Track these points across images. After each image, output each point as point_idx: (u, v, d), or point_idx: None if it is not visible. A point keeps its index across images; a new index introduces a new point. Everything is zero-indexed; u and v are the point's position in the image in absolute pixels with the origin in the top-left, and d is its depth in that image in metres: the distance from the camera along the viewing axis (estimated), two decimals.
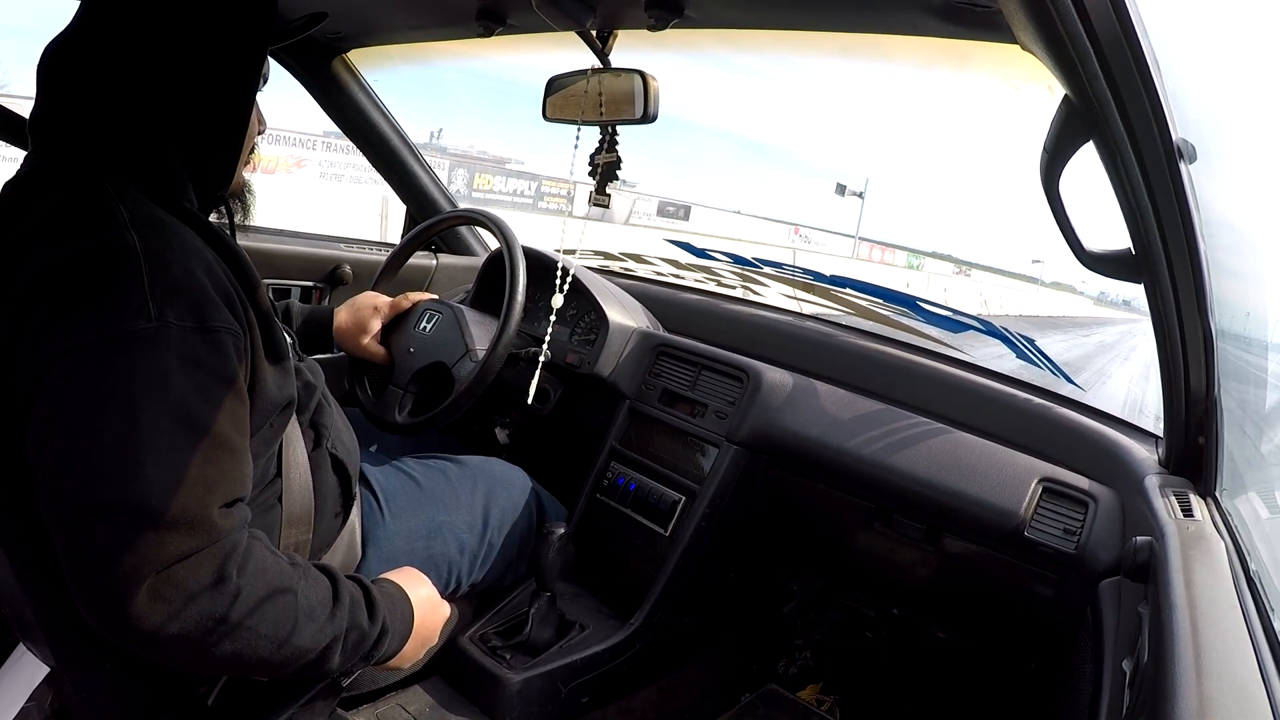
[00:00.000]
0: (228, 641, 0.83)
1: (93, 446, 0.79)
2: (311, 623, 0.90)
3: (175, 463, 0.81)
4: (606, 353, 1.90)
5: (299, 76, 2.12)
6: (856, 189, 41.19)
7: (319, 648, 0.91)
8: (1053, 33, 0.81)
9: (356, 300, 1.77)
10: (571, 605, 1.68)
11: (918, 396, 1.73)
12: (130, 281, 0.83)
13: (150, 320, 0.82)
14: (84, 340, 0.80)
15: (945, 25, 1.13)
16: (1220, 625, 0.82)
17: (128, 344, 0.81)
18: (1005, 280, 58.49)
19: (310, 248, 2.26)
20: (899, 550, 1.65)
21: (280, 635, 0.87)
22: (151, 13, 0.94)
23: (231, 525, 0.84)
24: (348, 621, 0.95)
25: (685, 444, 1.78)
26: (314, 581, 0.94)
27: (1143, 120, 0.87)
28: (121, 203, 0.88)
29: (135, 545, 0.78)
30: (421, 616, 1.10)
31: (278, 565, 0.90)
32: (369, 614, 0.99)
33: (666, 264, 2.56)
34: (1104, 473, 1.46)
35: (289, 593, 0.89)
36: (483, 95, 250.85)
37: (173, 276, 0.85)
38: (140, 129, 0.95)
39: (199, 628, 0.81)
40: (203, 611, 0.81)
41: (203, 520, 0.81)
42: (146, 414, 0.80)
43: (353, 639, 0.96)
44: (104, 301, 0.82)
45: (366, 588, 1.02)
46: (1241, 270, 1.36)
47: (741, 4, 1.32)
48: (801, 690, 1.98)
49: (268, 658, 0.87)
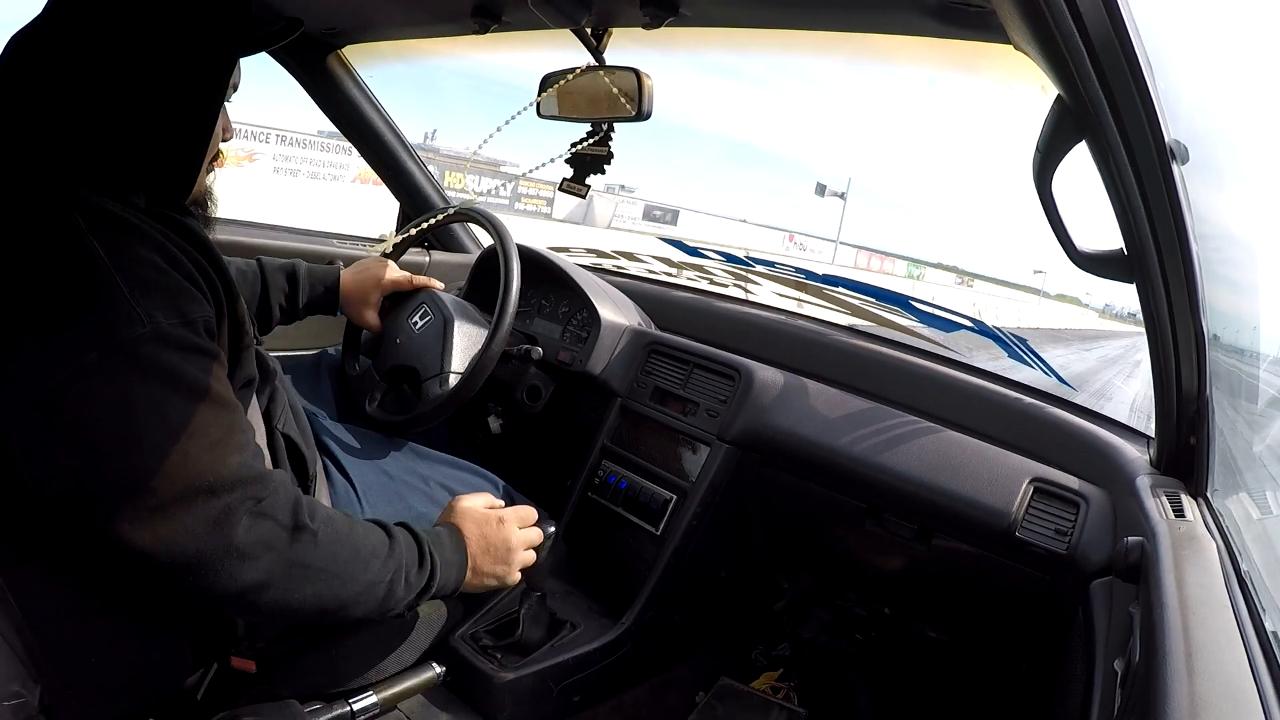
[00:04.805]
0: (309, 584, 0.93)
1: (138, 454, 0.82)
2: (375, 559, 1.01)
3: (212, 438, 0.87)
4: (598, 350, 1.90)
5: (293, 72, 2.11)
6: (838, 189, 40.10)
7: (384, 581, 1.01)
8: (1045, 32, 0.82)
9: (367, 265, 1.74)
10: (562, 604, 1.67)
11: (910, 395, 1.74)
12: (108, 290, 0.84)
13: (144, 324, 0.84)
14: (87, 361, 0.81)
15: (939, 25, 1.13)
16: (1211, 625, 0.82)
17: (132, 351, 0.83)
18: (1007, 291, 58.12)
19: (303, 243, 2.25)
20: (890, 549, 1.65)
21: (352, 574, 0.97)
22: (120, 12, 0.92)
23: (272, 470, 0.94)
24: (405, 558, 1.05)
25: (677, 442, 1.78)
26: (368, 529, 1.04)
27: (1135, 121, 0.87)
28: (75, 207, 0.88)
29: (217, 518, 0.85)
30: (475, 539, 1.20)
31: (337, 512, 1.01)
32: (419, 550, 1.09)
33: (659, 262, 2.56)
34: (1095, 473, 1.47)
35: (352, 535, 1.00)
36: (478, 98, 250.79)
37: (146, 277, 0.87)
38: (98, 129, 0.93)
39: (285, 575, 0.91)
40: (288, 558, 0.91)
41: (256, 474, 0.91)
42: (174, 406, 0.86)
43: (411, 574, 1.06)
44: (90, 317, 0.83)
45: (411, 529, 1.11)
46: (1232, 277, 1.37)
47: (735, 2, 1.32)
48: (756, 680, 1.96)
49: (343, 597, 0.97)
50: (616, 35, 1.48)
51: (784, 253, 34.17)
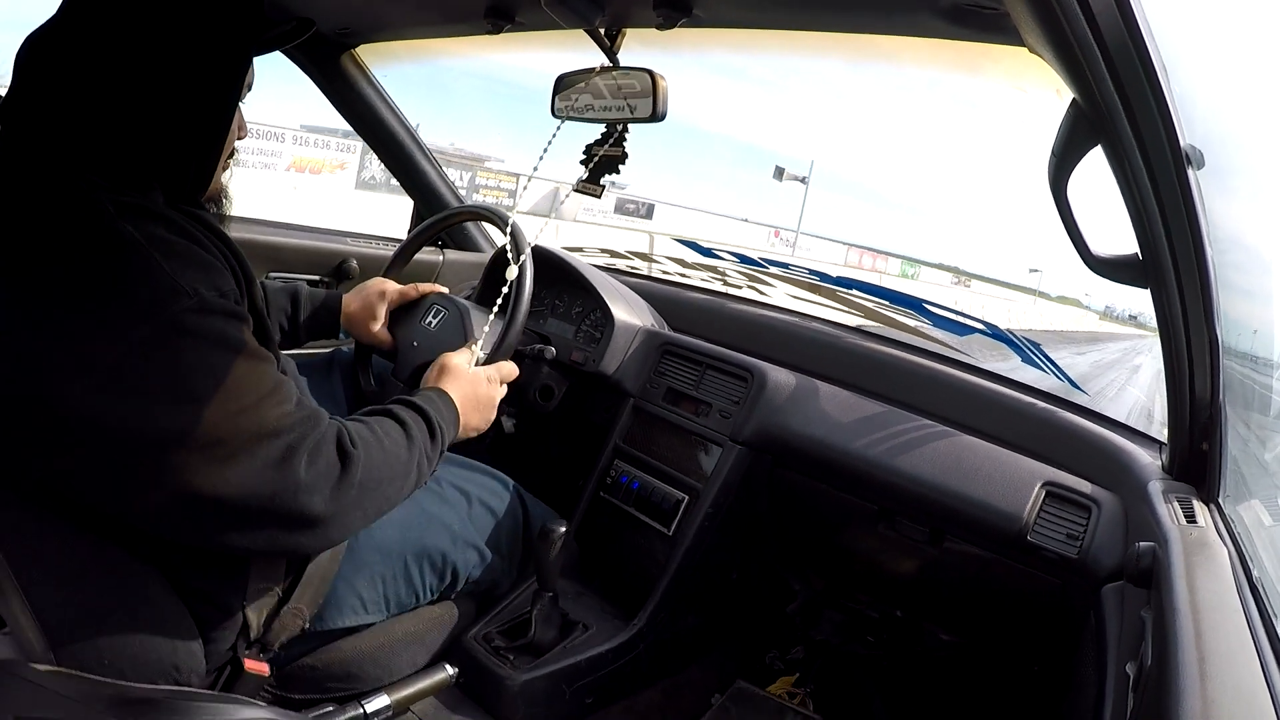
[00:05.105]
0: (365, 500, 1.04)
1: (202, 412, 0.89)
2: (402, 451, 1.12)
3: (264, 389, 0.94)
4: (611, 351, 1.90)
5: (308, 71, 2.13)
6: (799, 173, 36.57)
7: (413, 468, 1.14)
8: (1060, 36, 0.81)
9: (366, 285, 1.75)
10: (574, 605, 1.68)
11: (922, 399, 1.73)
12: (149, 267, 0.88)
13: (190, 296, 0.88)
14: (142, 333, 0.86)
15: (953, 27, 1.13)
16: (1223, 630, 0.82)
17: (181, 321, 0.88)
18: (1004, 291, 56.92)
19: (317, 241, 2.26)
20: (902, 552, 1.65)
21: (392, 477, 1.09)
22: (134, 14, 0.94)
23: (317, 406, 1.04)
24: (420, 438, 1.17)
25: (689, 443, 1.78)
26: (386, 427, 1.13)
27: (1150, 125, 0.87)
28: (104, 194, 0.91)
29: (281, 457, 0.94)
30: (463, 399, 1.33)
31: (366, 427, 1.10)
32: (428, 426, 1.20)
33: (673, 263, 2.56)
34: (1107, 478, 1.46)
35: (382, 444, 1.09)
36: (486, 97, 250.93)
37: (181, 254, 0.91)
38: (116, 128, 0.95)
39: (343, 498, 1.00)
40: (344, 483, 1.00)
41: (307, 413, 0.99)
42: (226, 365, 0.91)
43: (427, 447, 1.18)
44: (135, 293, 0.87)
45: (415, 405, 1.22)
46: (1246, 284, 1.36)
47: (749, 4, 1.32)
48: (772, 684, 1.96)
49: (389, 496, 1.10)
50: (629, 36, 1.48)
51: (768, 248, 32.52)
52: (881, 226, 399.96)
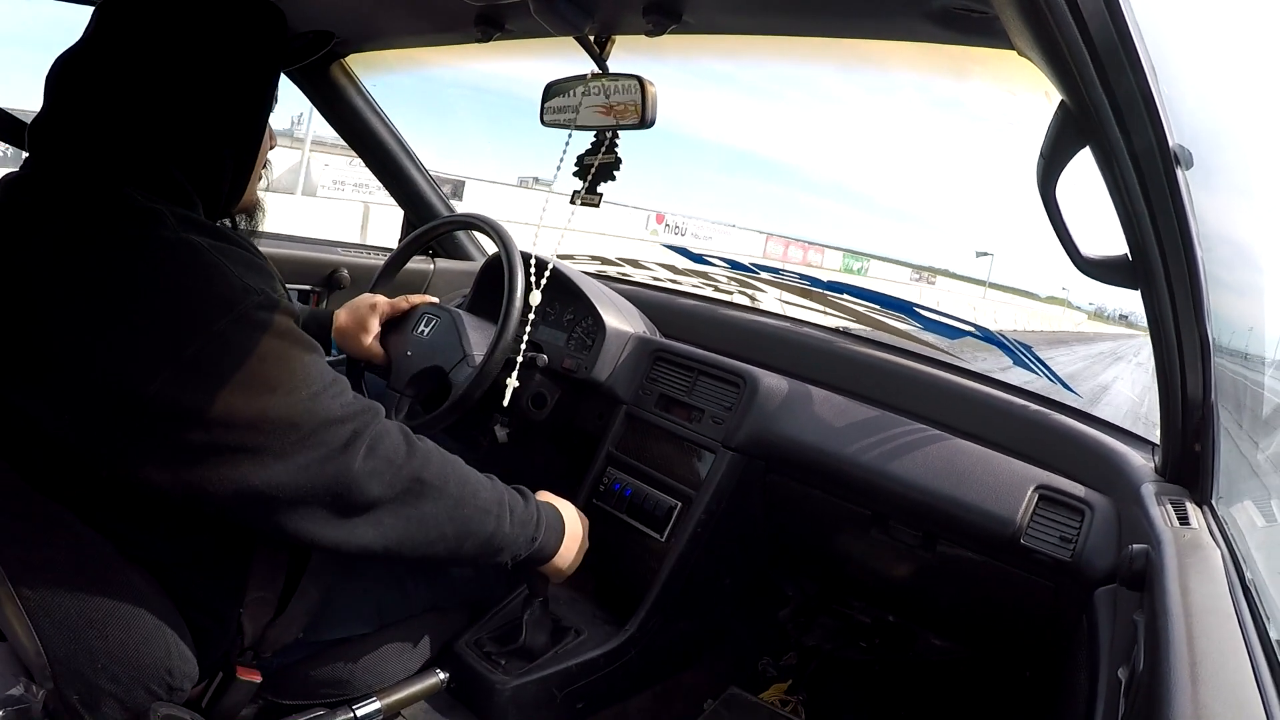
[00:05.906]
0: (427, 500, 1.06)
1: (274, 398, 0.93)
2: (482, 487, 1.15)
3: (326, 379, 0.99)
4: (603, 358, 1.90)
5: (296, 81, 2.12)
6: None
7: (493, 512, 1.15)
8: (1049, 39, 0.81)
9: (356, 301, 1.77)
10: (566, 610, 1.67)
11: (914, 402, 1.73)
12: (216, 268, 0.93)
13: (257, 293, 0.93)
14: (218, 327, 0.90)
15: (942, 31, 1.13)
16: (1216, 634, 0.82)
17: (252, 315, 0.92)
18: (971, 288, 56.06)
19: (307, 251, 2.26)
20: (895, 557, 1.64)
21: (463, 495, 1.11)
22: (164, 32, 0.97)
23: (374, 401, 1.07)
24: (508, 494, 1.20)
25: (682, 449, 1.78)
26: (464, 467, 1.15)
27: (1139, 126, 0.87)
28: (164, 206, 0.95)
29: (347, 442, 0.98)
30: (569, 516, 1.37)
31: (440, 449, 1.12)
32: (521, 495, 1.24)
33: (663, 269, 2.56)
34: (1100, 480, 1.46)
35: (457, 462, 1.12)
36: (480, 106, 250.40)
37: (239, 259, 0.96)
38: (148, 147, 0.98)
39: (406, 490, 1.03)
40: (408, 473, 1.03)
41: (366, 403, 1.03)
42: (293, 356, 0.96)
43: (516, 509, 1.21)
44: (211, 291, 0.91)
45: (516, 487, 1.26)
46: (1236, 282, 1.36)
47: (738, 10, 1.32)
48: (765, 691, 1.96)
49: (457, 517, 1.10)
50: (618, 44, 1.48)
51: (648, 236, 28.07)
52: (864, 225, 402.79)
